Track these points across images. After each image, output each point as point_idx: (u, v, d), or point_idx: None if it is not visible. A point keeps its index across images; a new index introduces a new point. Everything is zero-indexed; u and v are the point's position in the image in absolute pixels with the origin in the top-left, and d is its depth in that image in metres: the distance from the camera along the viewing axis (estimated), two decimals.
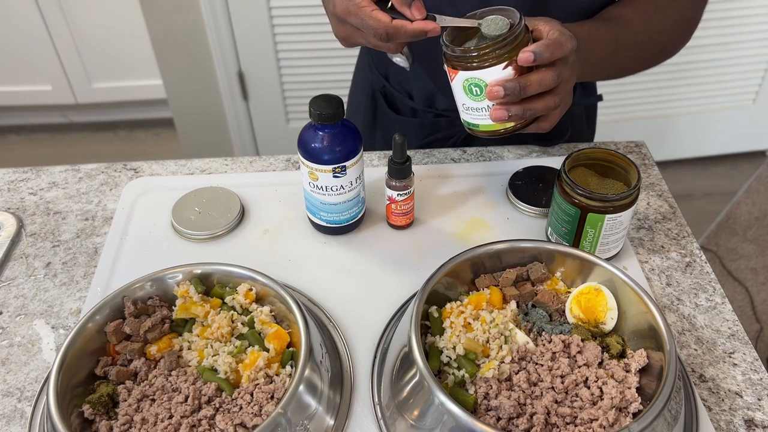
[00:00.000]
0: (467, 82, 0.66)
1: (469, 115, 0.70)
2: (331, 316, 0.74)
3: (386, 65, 1.00)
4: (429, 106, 0.99)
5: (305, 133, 0.75)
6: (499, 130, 0.69)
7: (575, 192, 0.73)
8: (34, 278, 0.80)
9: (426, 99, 0.98)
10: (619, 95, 2.15)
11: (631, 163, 0.75)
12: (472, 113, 0.69)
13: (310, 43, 1.94)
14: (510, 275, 0.70)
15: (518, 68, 0.64)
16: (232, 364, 0.64)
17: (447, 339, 0.65)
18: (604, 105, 2.18)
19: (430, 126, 1.00)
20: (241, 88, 2.07)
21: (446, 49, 0.67)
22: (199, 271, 0.70)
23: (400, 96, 1.01)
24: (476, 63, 0.64)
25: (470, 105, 0.68)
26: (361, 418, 0.65)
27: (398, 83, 1.00)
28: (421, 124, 1.00)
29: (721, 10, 2.00)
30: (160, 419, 0.60)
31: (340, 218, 0.82)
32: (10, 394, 0.68)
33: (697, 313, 0.75)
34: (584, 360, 0.63)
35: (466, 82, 0.66)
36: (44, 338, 0.73)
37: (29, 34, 2.29)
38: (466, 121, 0.71)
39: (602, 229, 0.74)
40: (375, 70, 1.03)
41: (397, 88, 1.01)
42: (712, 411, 0.66)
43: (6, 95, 2.46)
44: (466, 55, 0.65)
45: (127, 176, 0.95)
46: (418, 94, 0.98)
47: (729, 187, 2.32)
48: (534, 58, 0.62)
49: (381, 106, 1.05)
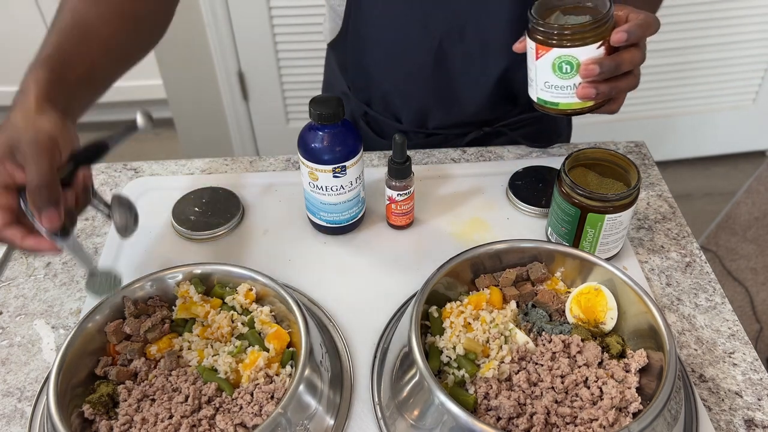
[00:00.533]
0: (559, 59, 0.67)
1: (550, 94, 0.70)
2: (331, 316, 0.74)
3: (368, 91, 0.97)
4: (420, 126, 0.97)
5: (305, 133, 0.76)
6: (582, 108, 0.70)
7: (575, 192, 0.73)
8: (35, 278, 0.80)
9: (417, 119, 0.96)
10: None
11: (630, 163, 0.75)
12: (554, 91, 0.70)
13: (310, 43, 1.94)
14: (510, 275, 0.70)
15: (609, 48, 0.67)
16: (232, 364, 0.64)
17: (447, 339, 0.65)
18: None
19: (423, 147, 0.98)
20: (241, 88, 2.07)
21: (540, 26, 0.67)
22: (199, 271, 0.70)
23: (386, 120, 0.98)
24: (573, 41, 0.66)
25: (555, 83, 0.69)
26: (361, 418, 0.65)
27: (383, 108, 0.97)
28: (414, 147, 0.98)
29: (721, 10, 2.00)
30: (160, 419, 0.60)
31: (340, 218, 0.82)
32: (10, 394, 0.68)
33: (697, 313, 0.75)
34: (584, 360, 0.63)
35: (557, 59, 0.67)
36: (44, 338, 0.73)
37: (29, 35, 2.29)
38: (543, 99, 0.72)
39: (602, 229, 0.74)
40: (353, 97, 0.99)
41: (382, 113, 0.98)
42: (712, 411, 0.66)
43: (6, 95, 2.45)
44: (564, 32, 0.66)
45: (127, 176, 0.95)
46: (407, 115, 0.96)
47: (729, 187, 2.32)
48: (627, 37, 0.64)
49: (365, 133, 1.01)
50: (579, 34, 0.66)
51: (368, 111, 0.99)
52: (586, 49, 0.66)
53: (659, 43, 1.99)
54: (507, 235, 0.84)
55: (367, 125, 1.01)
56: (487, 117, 0.96)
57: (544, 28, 0.67)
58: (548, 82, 0.70)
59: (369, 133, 1.01)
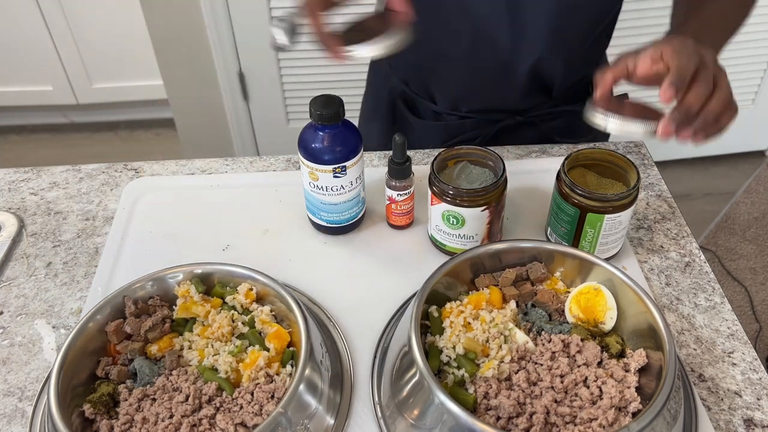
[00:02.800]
0: (447, 212, 0.75)
1: (440, 236, 0.79)
2: (331, 316, 0.74)
3: (408, 71, 1.00)
4: (453, 110, 0.99)
5: (305, 133, 0.76)
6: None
7: (575, 192, 0.73)
8: (35, 278, 0.81)
9: (450, 103, 0.98)
10: None
11: (630, 163, 0.75)
12: (444, 235, 0.78)
13: (310, 44, 1.94)
14: (510, 275, 0.70)
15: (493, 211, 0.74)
16: (232, 364, 0.64)
17: (447, 338, 0.65)
18: None
19: (455, 128, 1.00)
20: (241, 88, 2.07)
21: (435, 182, 0.74)
22: (199, 270, 0.70)
23: (421, 100, 1.01)
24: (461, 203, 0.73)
25: (444, 229, 0.77)
26: (361, 418, 0.65)
27: (420, 88, 1.00)
28: (445, 127, 1.00)
29: None
30: (160, 419, 0.60)
31: (340, 218, 0.82)
32: (11, 394, 0.68)
33: (696, 313, 0.75)
34: (584, 359, 0.63)
35: (446, 212, 0.75)
36: (45, 338, 0.74)
37: (30, 35, 2.29)
38: (434, 237, 0.80)
39: (602, 229, 0.74)
40: (395, 76, 1.03)
41: (418, 92, 1.01)
42: (711, 410, 0.66)
43: (7, 95, 2.46)
44: (451, 193, 0.73)
45: (128, 176, 0.95)
46: (442, 97, 0.98)
47: (728, 187, 2.32)
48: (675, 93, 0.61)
49: (401, 111, 1.04)
50: (467, 198, 0.73)
51: (406, 90, 1.02)
52: (471, 210, 0.73)
53: None
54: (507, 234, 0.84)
55: (404, 103, 1.04)
56: (520, 106, 0.97)
57: (438, 184, 0.74)
58: (438, 226, 0.78)
59: (405, 112, 1.03)
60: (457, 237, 0.77)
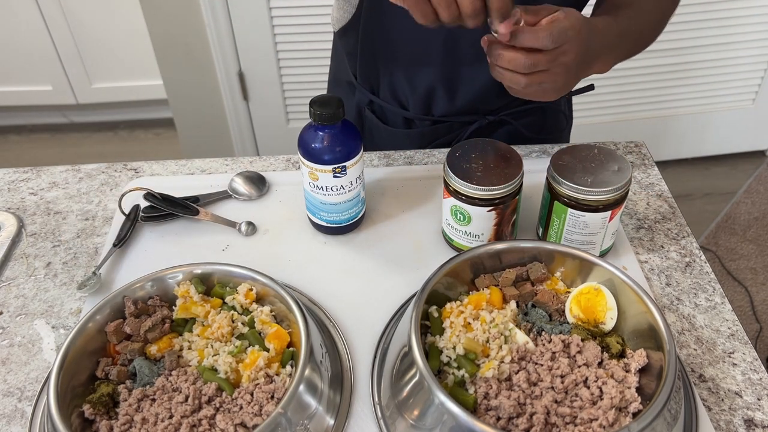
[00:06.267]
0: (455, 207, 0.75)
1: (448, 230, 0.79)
2: (331, 316, 0.74)
3: (375, 79, 0.98)
4: (426, 114, 0.98)
5: (305, 133, 0.76)
6: None
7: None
8: (35, 278, 0.81)
9: (423, 106, 0.97)
10: (618, 95, 2.15)
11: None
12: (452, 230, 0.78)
13: (310, 43, 1.94)
14: (510, 275, 0.70)
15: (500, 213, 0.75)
16: (232, 364, 0.64)
17: (447, 339, 0.65)
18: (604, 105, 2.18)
19: (429, 134, 0.99)
20: (241, 88, 2.07)
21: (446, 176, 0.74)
22: (199, 271, 0.70)
23: (391, 108, 0.99)
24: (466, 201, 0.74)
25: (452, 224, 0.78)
26: (361, 418, 0.65)
27: (390, 95, 0.98)
28: (420, 134, 0.99)
29: (721, 10, 2.00)
30: (160, 419, 0.60)
31: (340, 218, 0.82)
32: (10, 394, 0.68)
33: (696, 313, 0.75)
34: (584, 360, 0.63)
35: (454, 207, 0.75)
36: (45, 338, 0.73)
37: (30, 35, 2.29)
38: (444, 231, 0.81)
39: (565, 223, 0.75)
40: (359, 87, 1.01)
41: (388, 101, 0.99)
42: (711, 411, 0.66)
43: (6, 95, 2.47)
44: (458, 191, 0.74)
45: (128, 176, 0.95)
46: (414, 102, 0.97)
47: (729, 187, 2.32)
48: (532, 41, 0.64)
49: (370, 122, 1.03)
50: (471, 197, 0.73)
51: (374, 99, 1.01)
52: (477, 209, 0.74)
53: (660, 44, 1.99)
54: None
55: (373, 113, 1.03)
56: (491, 106, 0.97)
57: (447, 179, 0.74)
58: (448, 220, 0.79)
59: (374, 120, 1.02)
60: (464, 234, 0.77)
